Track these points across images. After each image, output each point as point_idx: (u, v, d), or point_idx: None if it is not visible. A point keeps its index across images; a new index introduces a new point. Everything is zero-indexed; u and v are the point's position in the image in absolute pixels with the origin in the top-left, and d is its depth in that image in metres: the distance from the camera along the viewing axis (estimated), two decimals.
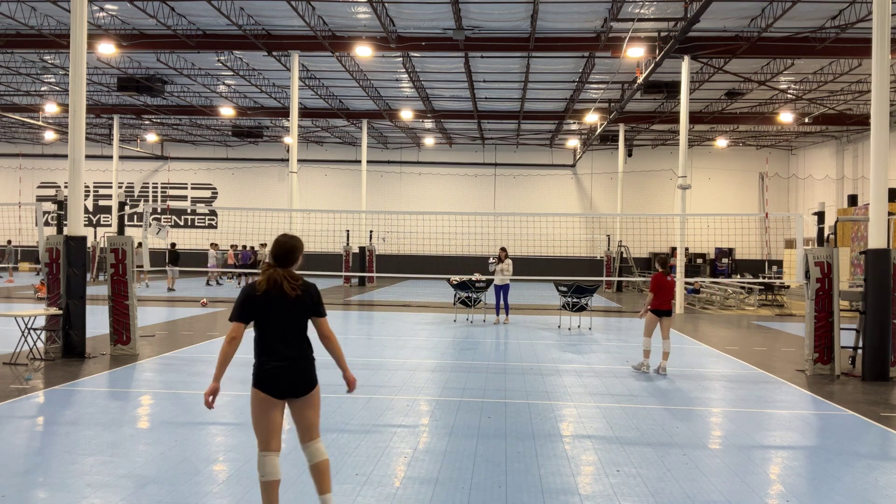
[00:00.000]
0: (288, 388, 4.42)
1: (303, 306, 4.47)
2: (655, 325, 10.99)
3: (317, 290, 4.58)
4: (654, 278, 11.06)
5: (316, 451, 4.54)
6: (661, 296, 10.96)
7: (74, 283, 11.58)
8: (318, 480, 4.54)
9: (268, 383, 4.41)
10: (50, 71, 26.68)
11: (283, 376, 4.40)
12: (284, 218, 28.35)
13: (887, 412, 8.60)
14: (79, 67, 11.94)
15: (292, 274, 4.50)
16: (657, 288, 10.97)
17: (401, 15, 19.87)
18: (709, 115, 30.65)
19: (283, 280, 4.42)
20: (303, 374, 4.46)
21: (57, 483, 5.53)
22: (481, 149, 40.72)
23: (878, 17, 10.91)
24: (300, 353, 4.46)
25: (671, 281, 11.10)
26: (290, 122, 23.51)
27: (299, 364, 4.45)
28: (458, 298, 17.88)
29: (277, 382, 4.40)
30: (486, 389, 9.44)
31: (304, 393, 4.46)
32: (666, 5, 18.35)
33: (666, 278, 10.99)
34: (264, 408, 4.42)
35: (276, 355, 4.42)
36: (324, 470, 4.53)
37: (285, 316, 4.43)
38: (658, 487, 5.70)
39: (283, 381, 4.41)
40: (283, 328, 4.43)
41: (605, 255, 34.92)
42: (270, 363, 4.41)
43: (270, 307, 4.41)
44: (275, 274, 4.44)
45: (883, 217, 10.88)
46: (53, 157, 41.84)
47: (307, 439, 4.53)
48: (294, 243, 4.56)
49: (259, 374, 4.44)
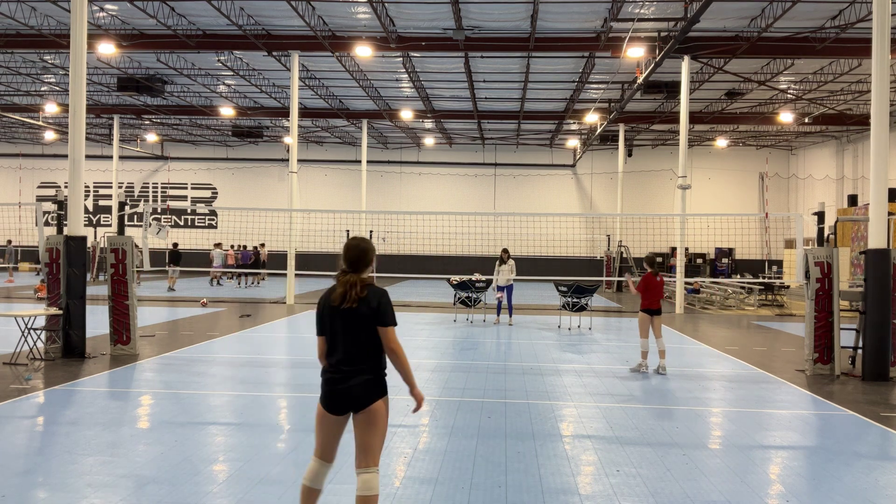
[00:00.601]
0: (340, 403, 4.19)
1: (361, 315, 4.16)
2: (649, 325, 11.02)
3: (384, 298, 4.21)
4: (643, 279, 11.09)
5: (363, 483, 4.16)
6: (651, 295, 10.99)
7: (74, 283, 11.58)
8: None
9: (322, 396, 4.26)
10: (50, 71, 26.68)
11: (334, 390, 4.19)
12: (284, 218, 28.36)
13: (887, 412, 8.60)
14: (79, 67, 11.94)
15: (362, 280, 4.23)
16: (645, 288, 11.01)
17: (401, 15, 19.86)
18: (709, 115, 30.65)
19: (354, 284, 4.17)
20: (356, 389, 4.17)
21: (57, 483, 5.53)
22: (481, 149, 40.72)
23: (878, 17, 10.91)
24: (356, 367, 4.18)
25: (660, 280, 11.14)
26: (290, 122, 23.51)
27: (354, 378, 4.17)
28: (458, 298, 17.88)
29: (329, 396, 4.22)
30: (486, 389, 9.44)
31: (357, 409, 4.18)
32: (666, 5, 18.35)
33: (655, 278, 11.02)
34: (319, 418, 4.29)
35: (331, 368, 4.25)
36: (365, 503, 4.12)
37: (343, 325, 4.19)
38: (658, 487, 5.70)
39: (334, 396, 4.20)
40: (341, 338, 4.21)
41: (604, 255, 34.92)
42: (326, 375, 4.27)
43: (330, 316, 4.23)
44: (350, 279, 4.20)
45: (883, 217, 10.88)
46: (53, 157, 41.85)
47: (359, 465, 4.20)
48: (364, 245, 4.28)
49: (322, 388, 4.29)
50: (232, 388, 9.25)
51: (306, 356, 12.03)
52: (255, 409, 8.08)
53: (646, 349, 11.05)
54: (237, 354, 12.05)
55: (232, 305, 21.22)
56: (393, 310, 4.27)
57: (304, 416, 7.84)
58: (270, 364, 11.19)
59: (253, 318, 17.71)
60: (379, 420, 4.19)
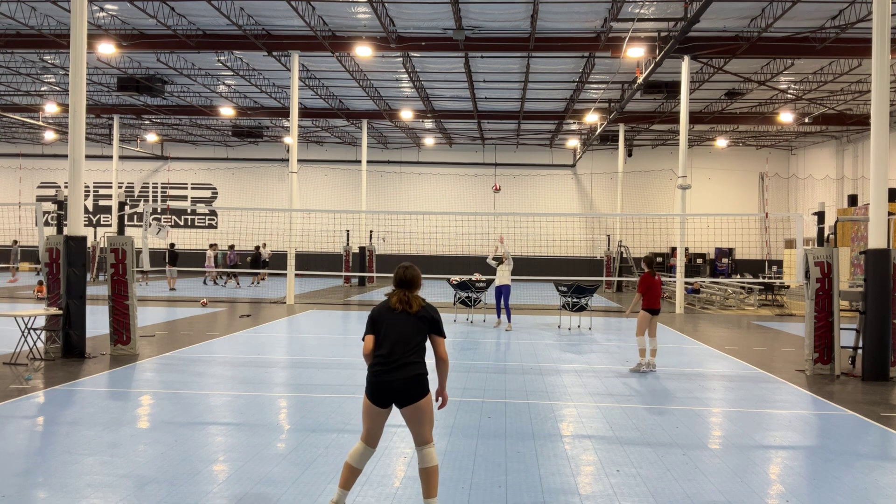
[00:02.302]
0: (385, 395, 4.74)
1: (419, 319, 4.81)
2: (648, 324, 11.12)
3: (438, 314, 4.92)
4: (642, 279, 11.20)
5: (422, 457, 4.83)
6: (651, 295, 11.09)
7: (74, 283, 11.58)
8: (422, 484, 4.85)
9: (369, 388, 4.78)
10: (50, 71, 26.68)
11: (380, 381, 4.72)
12: (284, 218, 28.36)
13: (887, 412, 8.60)
14: (79, 67, 11.94)
15: (417, 296, 4.90)
16: (646, 288, 11.11)
17: (401, 15, 19.86)
18: (709, 115, 30.65)
19: (410, 298, 4.85)
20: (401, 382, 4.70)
21: (57, 483, 5.53)
22: (481, 149, 40.72)
23: (878, 17, 10.91)
24: (402, 360, 4.72)
25: (658, 280, 11.26)
26: (290, 122, 23.51)
27: (399, 371, 4.70)
28: (458, 298, 17.88)
29: (376, 388, 4.74)
30: (486, 389, 9.44)
31: (402, 404, 4.75)
32: (666, 5, 18.35)
33: (653, 278, 11.15)
34: (366, 409, 4.83)
35: (378, 360, 4.77)
36: (428, 475, 4.80)
37: (399, 327, 4.78)
38: (658, 487, 5.70)
39: (380, 387, 4.73)
40: (393, 337, 4.76)
41: (604, 255, 34.92)
42: (373, 368, 4.78)
43: (388, 320, 4.81)
44: (406, 294, 4.87)
45: (883, 217, 10.88)
46: (53, 157, 41.84)
47: (417, 443, 4.87)
48: (414, 273, 4.94)
49: (368, 383, 4.80)
50: (232, 388, 9.25)
51: (306, 356, 12.04)
52: (255, 409, 8.09)
53: (643, 346, 11.15)
54: (237, 354, 12.05)
55: (232, 305, 21.23)
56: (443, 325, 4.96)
57: (304, 416, 7.84)
58: (270, 364, 11.19)
59: (253, 318, 17.71)
60: (425, 414, 4.79)
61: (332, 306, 21.96)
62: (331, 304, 22.84)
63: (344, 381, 9.88)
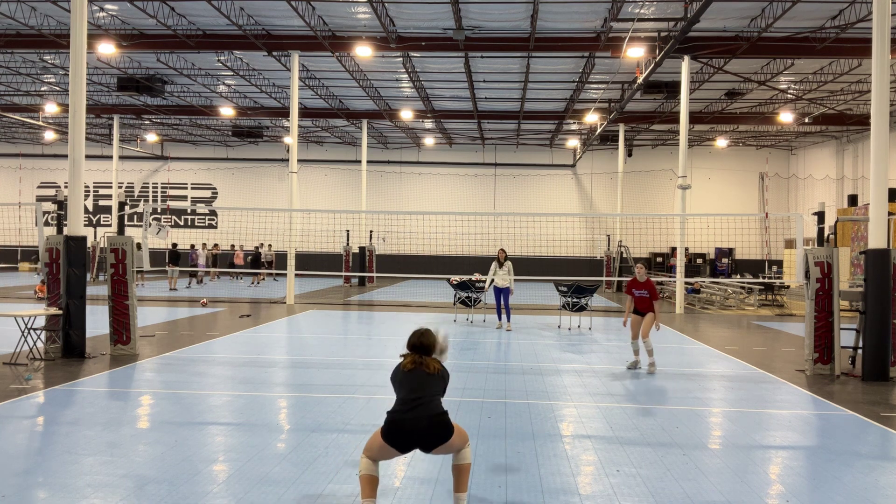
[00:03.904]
0: (406, 440, 4.87)
1: (434, 377, 5.09)
2: (637, 326, 11.33)
3: (448, 375, 5.28)
4: (629, 283, 11.44)
5: (457, 456, 5.01)
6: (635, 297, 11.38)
7: (74, 283, 11.58)
8: (454, 479, 5.06)
9: (387, 432, 4.87)
10: (50, 71, 26.68)
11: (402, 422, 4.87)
12: (284, 218, 28.36)
13: (887, 412, 8.60)
14: (79, 67, 11.94)
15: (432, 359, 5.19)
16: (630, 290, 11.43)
17: (401, 15, 19.86)
18: (709, 115, 30.65)
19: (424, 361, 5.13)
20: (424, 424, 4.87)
21: (57, 483, 5.53)
22: (481, 149, 40.72)
23: (878, 17, 10.91)
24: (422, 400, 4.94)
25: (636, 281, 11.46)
26: (290, 122, 23.51)
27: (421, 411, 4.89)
28: (458, 298, 17.88)
29: (397, 433, 4.86)
30: (486, 389, 9.44)
31: (427, 449, 4.92)
32: (666, 5, 18.35)
33: (635, 279, 11.38)
34: (380, 446, 4.88)
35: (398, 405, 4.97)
36: (459, 471, 4.98)
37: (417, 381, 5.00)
38: (658, 487, 5.70)
39: (401, 433, 4.86)
40: (411, 387, 4.97)
41: (604, 255, 34.91)
42: (393, 413, 4.94)
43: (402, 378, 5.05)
44: (418, 358, 5.13)
45: (883, 217, 10.88)
46: (53, 157, 41.84)
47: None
48: (427, 341, 5.23)
49: (386, 423, 4.92)
50: (232, 388, 9.25)
51: (306, 356, 12.04)
52: (255, 409, 8.09)
53: (636, 348, 11.41)
54: (237, 354, 12.05)
55: (232, 305, 21.23)
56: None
57: (304, 416, 7.84)
58: (270, 364, 11.19)
59: (253, 318, 17.71)
60: (455, 443, 4.95)
61: (332, 306, 21.96)
62: (331, 304, 22.84)
63: (344, 381, 9.88)
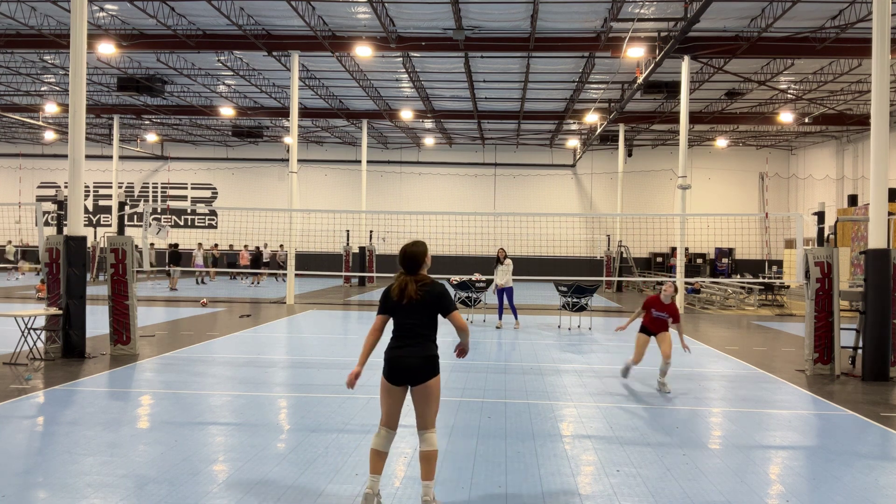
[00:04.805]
0: (399, 375, 4.98)
1: (422, 305, 4.99)
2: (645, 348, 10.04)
3: (445, 293, 5.07)
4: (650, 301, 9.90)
5: (425, 441, 5.04)
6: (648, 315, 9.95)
7: (74, 283, 11.58)
8: (422, 467, 5.05)
9: (385, 368, 5.02)
10: (50, 71, 26.67)
11: (395, 358, 4.98)
12: (284, 218, 28.35)
13: (887, 412, 8.60)
14: (79, 67, 11.94)
15: (418, 278, 5.05)
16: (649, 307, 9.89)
17: (401, 15, 19.86)
18: (709, 115, 30.64)
19: (407, 284, 5.01)
20: (413, 361, 4.95)
21: (57, 483, 5.53)
22: (481, 149, 40.71)
23: (878, 17, 10.91)
24: (412, 343, 4.99)
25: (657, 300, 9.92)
26: (290, 122, 23.51)
27: (411, 352, 4.97)
28: (458, 298, 17.87)
29: (391, 367, 5.00)
30: (486, 389, 9.44)
31: (417, 383, 4.98)
32: (666, 5, 18.34)
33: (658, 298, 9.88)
34: (383, 390, 5.06)
35: (392, 343, 5.06)
36: (427, 459, 5.00)
37: (408, 314, 5.00)
38: (658, 487, 5.70)
39: (395, 368, 4.98)
40: (402, 322, 5.03)
41: (604, 255, 34.91)
42: (388, 349, 5.05)
43: (398, 306, 5.03)
44: (404, 279, 5.04)
45: (883, 217, 10.87)
46: (53, 157, 41.83)
47: (420, 427, 5.07)
48: (414, 250, 5.07)
49: (384, 362, 5.05)
50: (232, 388, 9.25)
51: (306, 356, 12.04)
52: (255, 409, 8.08)
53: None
54: (237, 354, 12.05)
55: (232, 305, 21.22)
56: (452, 299, 5.13)
57: (304, 416, 7.84)
58: (270, 364, 11.19)
59: (253, 318, 17.71)
60: (433, 394, 5.02)
61: (332, 306, 21.96)
62: (331, 304, 22.84)
63: (344, 380, 9.86)
